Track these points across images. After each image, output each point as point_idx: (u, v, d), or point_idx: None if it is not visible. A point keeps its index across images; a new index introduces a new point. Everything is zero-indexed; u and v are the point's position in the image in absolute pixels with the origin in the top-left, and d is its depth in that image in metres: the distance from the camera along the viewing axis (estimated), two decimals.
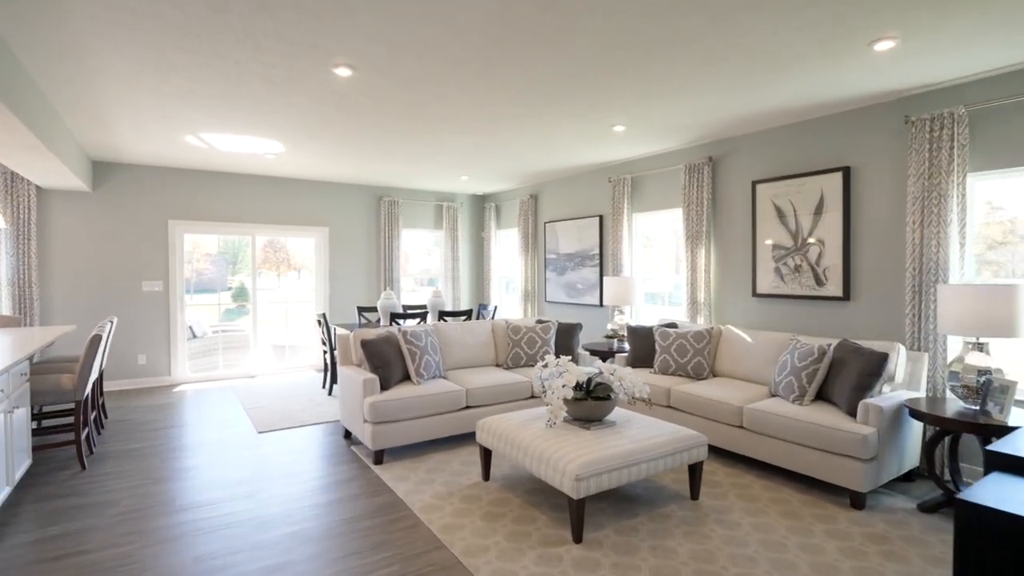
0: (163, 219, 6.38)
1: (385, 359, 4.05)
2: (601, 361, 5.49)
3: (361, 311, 6.51)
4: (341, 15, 2.59)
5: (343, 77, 3.38)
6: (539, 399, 4.54)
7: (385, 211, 7.72)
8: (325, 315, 5.89)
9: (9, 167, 4.50)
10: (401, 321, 5.87)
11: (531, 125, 4.52)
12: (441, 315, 6.04)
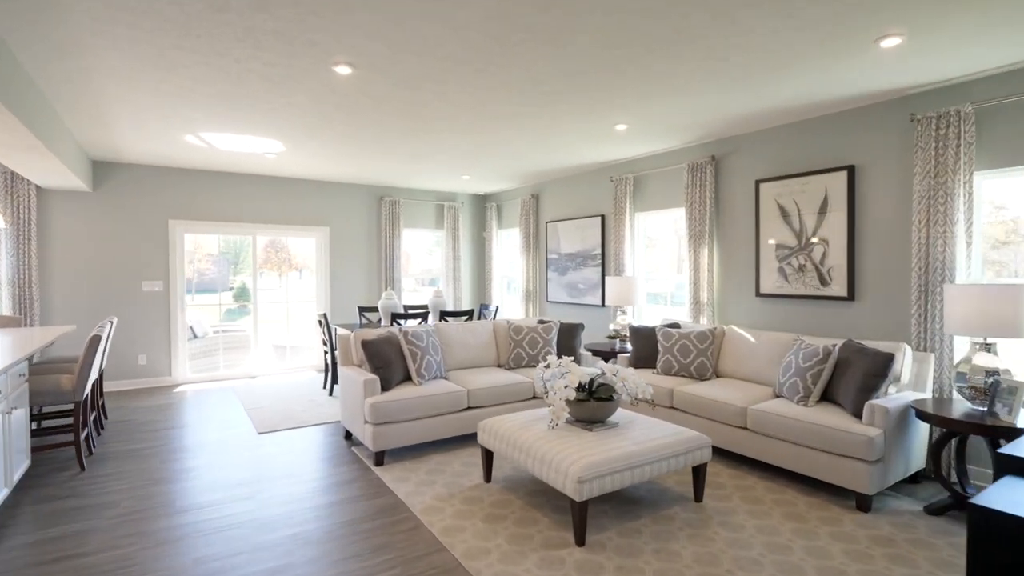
0: (163, 219, 6.36)
1: (386, 359, 4.02)
2: (603, 362, 5.46)
3: (362, 311, 6.49)
4: (340, 13, 2.56)
5: (343, 75, 3.35)
6: (541, 400, 4.51)
7: (386, 211, 7.70)
8: (326, 315, 5.87)
9: (9, 167, 4.49)
10: (402, 321, 5.84)
11: (532, 124, 4.49)
12: (442, 315, 6.01)
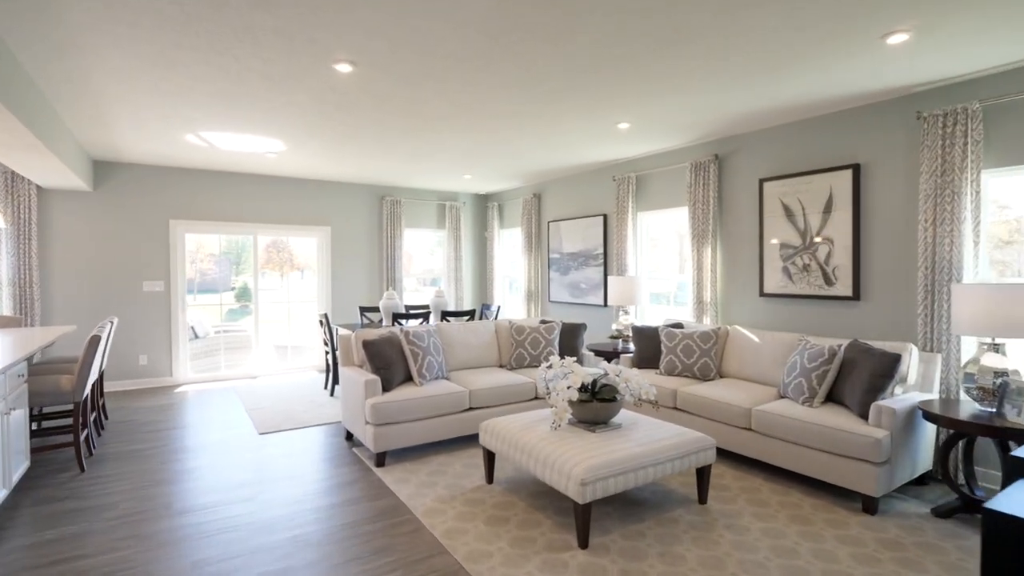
0: (164, 219, 6.34)
1: (387, 360, 4.00)
2: (606, 362, 5.43)
3: (363, 311, 6.47)
4: (341, 10, 2.53)
5: (343, 73, 3.32)
6: (543, 401, 4.48)
7: (387, 210, 7.67)
8: (327, 315, 5.84)
9: (9, 167, 4.47)
10: (403, 321, 5.82)
11: (533, 123, 4.46)
12: (444, 315, 5.99)
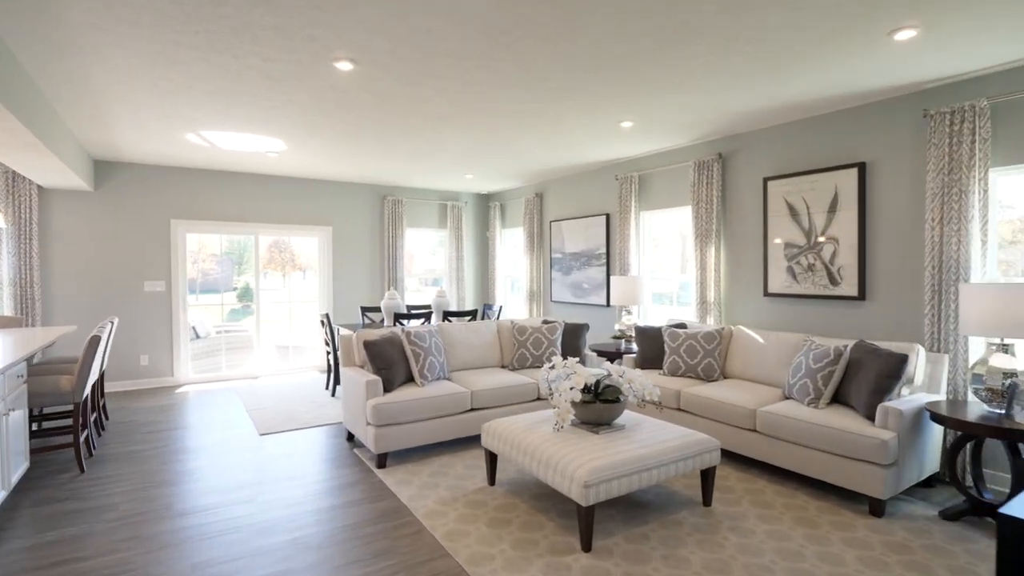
0: (165, 219, 6.33)
1: (388, 360, 3.97)
2: (609, 362, 5.39)
3: (365, 311, 6.44)
4: (341, 7, 2.50)
5: (344, 71, 3.30)
6: (545, 401, 4.45)
7: (389, 210, 7.65)
8: (328, 315, 5.82)
9: (8, 166, 4.46)
10: (405, 321, 5.79)
11: (536, 121, 4.43)
12: (445, 315, 5.96)
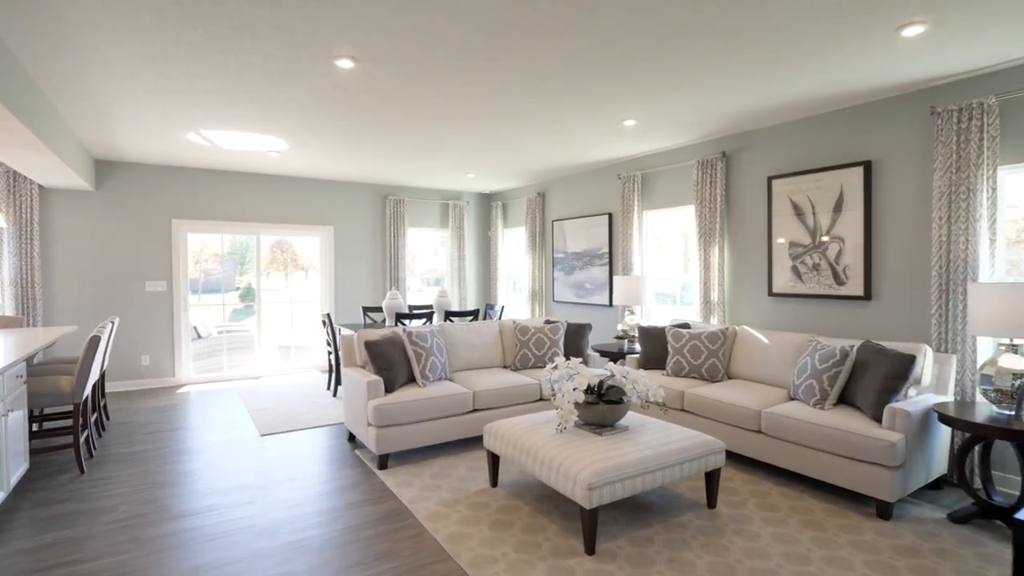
0: (166, 218, 6.31)
1: (390, 361, 3.94)
2: (612, 363, 5.35)
3: (366, 311, 6.41)
4: (342, 3, 2.47)
5: (344, 69, 3.27)
6: (548, 402, 4.42)
7: (390, 210, 7.63)
8: (330, 315, 5.80)
9: (9, 165, 4.44)
10: (406, 321, 5.76)
11: (538, 119, 4.40)
12: (447, 315, 5.93)
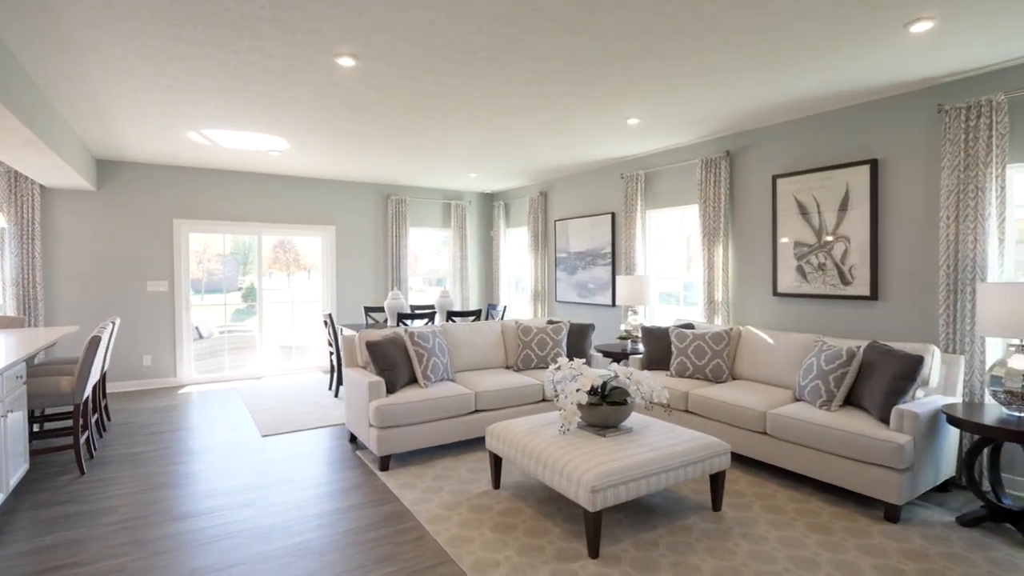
0: (168, 218, 6.29)
1: (391, 361, 3.91)
2: (615, 363, 5.32)
3: (368, 311, 6.39)
4: (342, 1, 2.44)
5: (345, 67, 3.24)
6: (550, 403, 4.39)
7: (392, 210, 7.60)
8: (331, 315, 5.77)
9: (10, 165, 4.43)
10: (408, 322, 5.73)
11: (540, 118, 4.36)
12: (449, 315, 5.90)
